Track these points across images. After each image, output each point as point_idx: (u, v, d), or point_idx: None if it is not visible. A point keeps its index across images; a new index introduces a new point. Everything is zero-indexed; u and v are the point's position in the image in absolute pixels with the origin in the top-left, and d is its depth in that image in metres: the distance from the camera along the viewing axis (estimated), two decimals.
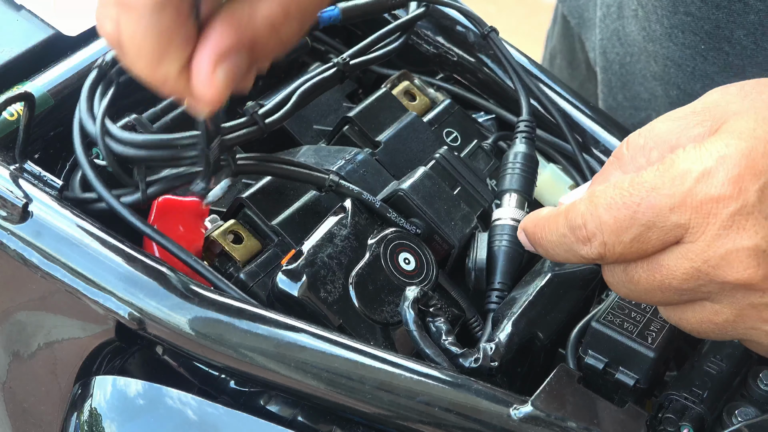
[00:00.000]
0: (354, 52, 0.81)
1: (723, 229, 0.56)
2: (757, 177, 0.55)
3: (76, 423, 0.70)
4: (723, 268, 0.56)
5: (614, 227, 0.58)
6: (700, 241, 0.56)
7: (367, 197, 0.73)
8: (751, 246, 0.55)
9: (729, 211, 0.55)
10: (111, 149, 0.71)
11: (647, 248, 0.58)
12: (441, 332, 0.66)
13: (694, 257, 0.56)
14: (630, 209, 0.57)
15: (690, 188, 0.56)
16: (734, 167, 0.55)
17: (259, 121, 0.73)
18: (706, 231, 0.56)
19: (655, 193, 0.57)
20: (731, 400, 0.65)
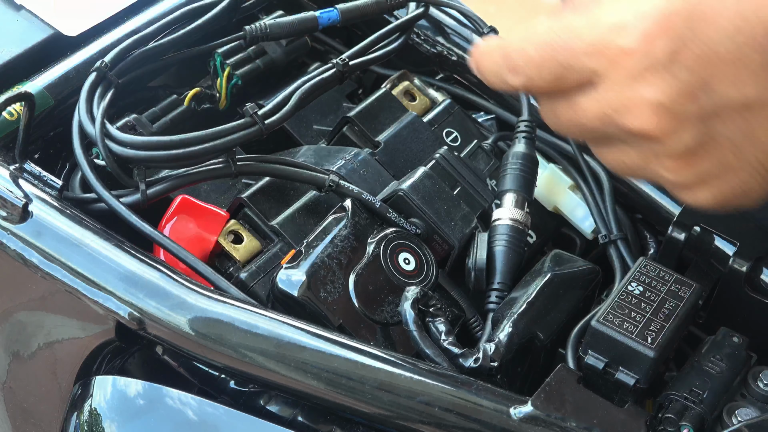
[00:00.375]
0: (353, 53, 0.81)
1: (629, 79, 0.59)
2: (669, 35, 0.58)
3: (76, 423, 0.70)
4: (625, 116, 0.60)
5: (537, 62, 0.63)
6: (608, 87, 0.60)
7: (367, 197, 0.73)
8: (653, 99, 0.59)
9: (635, 63, 0.59)
10: (111, 150, 0.71)
11: (565, 86, 0.62)
12: (441, 332, 0.66)
13: (602, 101, 0.60)
14: (552, 48, 0.62)
15: (604, 36, 0.59)
16: (648, 25, 0.58)
17: (259, 122, 0.73)
18: (614, 79, 0.59)
19: (574, 37, 0.61)
20: (731, 400, 0.65)
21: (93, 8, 0.85)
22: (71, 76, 0.79)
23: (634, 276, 0.69)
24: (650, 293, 0.68)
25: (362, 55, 0.81)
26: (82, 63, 0.80)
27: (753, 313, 0.75)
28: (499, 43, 0.66)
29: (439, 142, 0.83)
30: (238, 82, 0.84)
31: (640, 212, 0.85)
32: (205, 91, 0.83)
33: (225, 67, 0.83)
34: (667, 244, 0.78)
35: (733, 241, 0.75)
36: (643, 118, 0.60)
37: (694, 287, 0.69)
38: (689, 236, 0.76)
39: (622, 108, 0.60)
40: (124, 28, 0.83)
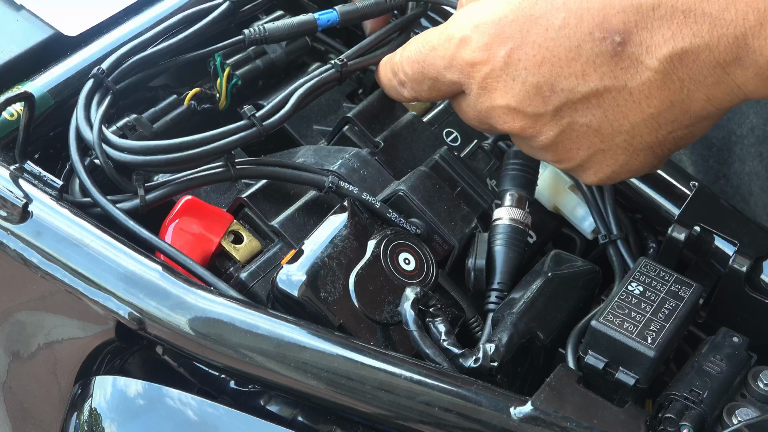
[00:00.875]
0: (352, 53, 0.81)
1: (481, 89, 0.66)
2: (504, 44, 0.63)
3: (76, 423, 0.70)
4: (492, 120, 0.67)
5: (413, 78, 0.71)
6: (471, 96, 0.67)
7: (367, 198, 0.73)
8: (504, 105, 0.65)
9: (482, 74, 0.65)
10: (108, 156, 0.71)
11: (444, 93, 0.70)
12: (441, 332, 0.66)
13: (472, 108, 0.68)
14: (420, 64, 0.70)
15: (454, 52, 0.67)
16: (484, 35, 0.64)
17: (257, 124, 0.73)
18: (471, 89, 0.67)
19: (434, 53, 0.68)
20: (731, 400, 0.65)
21: (93, 8, 0.85)
22: (71, 76, 0.79)
23: (634, 276, 0.69)
24: (650, 293, 0.68)
25: (362, 55, 0.81)
26: (83, 63, 0.80)
27: (753, 313, 0.75)
28: (389, 58, 0.75)
29: (439, 142, 0.83)
30: (238, 82, 0.84)
31: (640, 212, 0.85)
32: (205, 91, 0.83)
33: (225, 67, 0.83)
34: (667, 244, 0.78)
35: (733, 241, 0.75)
36: (503, 121, 0.66)
37: (694, 287, 0.69)
38: (689, 236, 0.76)
39: (486, 113, 0.67)
40: (124, 29, 0.83)
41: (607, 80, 0.61)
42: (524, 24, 0.62)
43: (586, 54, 0.61)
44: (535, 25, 0.62)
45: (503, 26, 0.64)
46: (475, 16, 0.66)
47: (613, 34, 0.60)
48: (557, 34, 0.61)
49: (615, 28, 0.59)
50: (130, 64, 0.77)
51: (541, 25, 0.62)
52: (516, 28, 0.63)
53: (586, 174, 0.68)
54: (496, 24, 0.64)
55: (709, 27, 0.57)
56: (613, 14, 0.59)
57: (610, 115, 0.62)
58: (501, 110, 0.66)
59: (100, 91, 0.75)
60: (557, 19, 0.61)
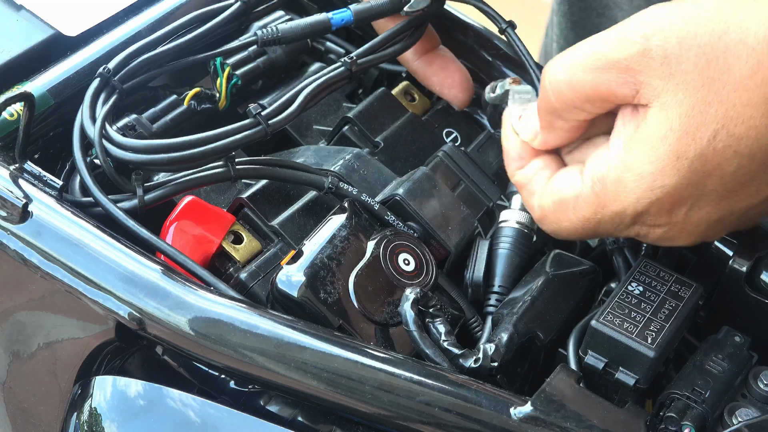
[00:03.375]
0: (362, 51, 0.80)
1: (661, 239, 0.65)
2: (684, 204, 0.62)
3: (76, 423, 0.70)
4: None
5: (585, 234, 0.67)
6: (648, 239, 0.66)
7: (365, 199, 0.73)
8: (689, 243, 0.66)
9: (663, 230, 0.64)
10: (109, 153, 0.71)
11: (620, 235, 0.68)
12: (441, 333, 0.66)
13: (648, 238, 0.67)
14: (591, 232, 0.67)
15: (630, 223, 0.64)
16: (663, 207, 0.62)
17: (263, 123, 0.72)
18: (649, 237, 0.65)
19: (603, 226, 0.65)
20: (732, 400, 0.65)
21: (93, 8, 0.85)
22: (71, 76, 0.79)
23: (634, 276, 0.69)
24: (650, 293, 0.68)
25: (372, 53, 0.80)
26: (83, 63, 0.80)
27: (753, 313, 0.75)
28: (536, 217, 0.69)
29: (439, 141, 0.83)
30: (238, 82, 0.84)
31: None
32: (205, 91, 0.83)
33: (225, 67, 0.83)
34: None
35: (733, 241, 0.75)
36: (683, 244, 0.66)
37: (694, 287, 0.69)
38: None
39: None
40: (125, 28, 0.83)
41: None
42: (699, 182, 0.61)
43: (759, 179, 0.61)
44: (709, 179, 0.61)
45: (680, 193, 0.62)
46: (644, 194, 0.62)
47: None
48: (732, 178, 0.61)
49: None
50: (137, 64, 0.76)
51: (716, 176, 0.60)
52: (692, 189, 0.61)
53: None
54: (672, 195, 0.62)
55: None
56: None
57: None
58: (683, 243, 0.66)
59: (106, 90, 0.75)
60: (731, 166, 0.60)
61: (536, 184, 0.69)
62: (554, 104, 0.65)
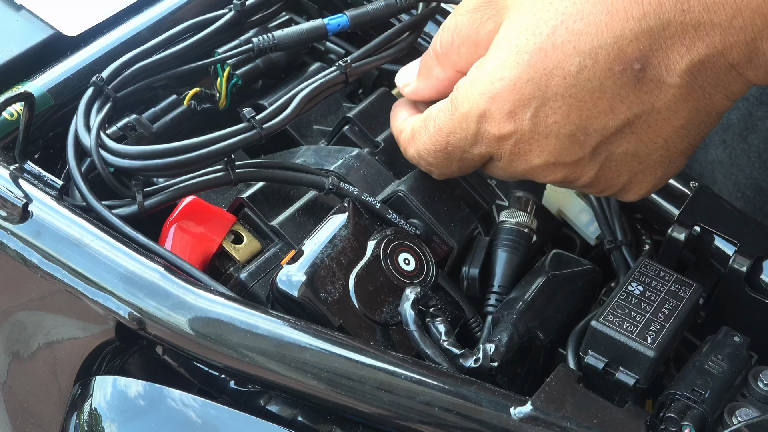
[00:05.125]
0: (358, 55, 0.80)
1: (513, 155, 0.65)
2: (527, 106, 0.62)
3: (76, 423, 0.70)
4: (532, 176, 0.67)
5: (439, 164, 0.70)
6: (502, 162, 0.67)
7: (366, 198, 0.73)
8: (542, 163, 0.65)
9: (511, 142, 0.64)
10: (106, 161, 0.71)
11: (475, 165, 0.69)
12: (441, 333, 0.66)
13: (505, 171, 0.68)
14: (443, 152, 0.69)
15: (476, 129, 0.65)
16: (504, 104, 0.63)
17: (257, 127, 0.72)
18: (502, 157, 0.66)
19: (453, 136, 0.67)
20: (732, 400, 0.65)
21: (93, 8, 0.85)
22: (71, 76, 0.79)
23: (634, 276, 0.69)
24: (650, 293, 0.68)
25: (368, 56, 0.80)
26: (83, 63, 0.80)
27: (753, 313, 0.75)
28: (405, 139, 0.72)
29: None
30: (238, 82, 0.84)
31: (640, 212, 0.85)
32: (205, 91, 0.83)
33: (225, 67, 0.83)
34: (667, 244, 0.78)
35: (733, 241, 0.75)
36: (544, 175, 0.66)
37: (694, 287, 0.69)
38: (689, 236, 0.76)
39: (523, 173, 0.67)
40: (125, 29, 0.83)
41: (635, 108, 0.61)
42: (541, 80, 0.61)
43: (609, 90, 0.60)
44: (552, 78, 0.61)
45: (521, 89, 0.62)
46: (486, 87, 0.64)
47: (632, 63, 0.60)
48: (577, 80, 0.61)
49: (632, 57, 0.59)
50: (131, 72, 0.76)
51: (558, 75, 0.61)
52: (533, 87, 0.62)
53: (628, 194, 0.68)
54: (512, 89, 0.62)
55: (720, 36, 0.58)
56: (627, 44, 0.59)
57: (644, 137, 0.63)
58: (539, 168, 0.66)
59: (100, 98, 0.74)
60: (572, 65, 0.60)
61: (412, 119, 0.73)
62: (437, 50, 0.69)
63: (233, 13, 0.81)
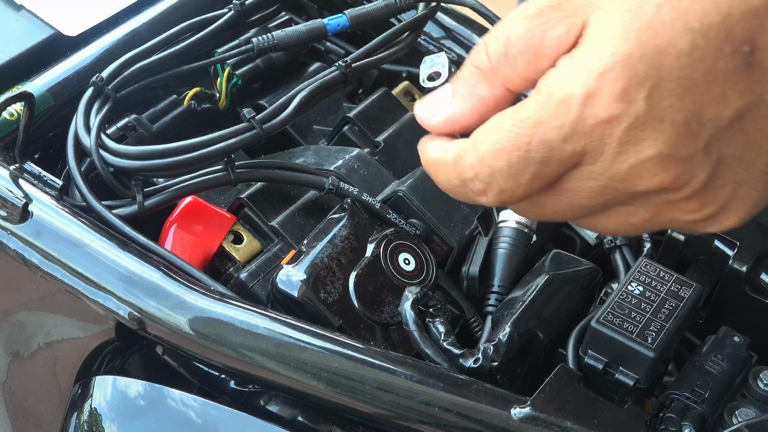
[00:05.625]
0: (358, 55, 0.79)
1: (621, 146, 0.54)
2: (642, 85, 0.54)
3: (76, 423, 0.70)
4: (631, 182, 0.55)
5: (509, 173, 0.56)
6: (600, 161, 0.55)
7: (366, 198, 0.73)
8: (654, 155, 0.54)
9: (622, 128, 0.54)
10: (106, 162, 0.71)
11: (548, 180, 0.56)
12: (441, 333, 0.66)
13: (599, 177, 0.55)
14: (521, 150, 0.55)
15: (578, 115, 0.54)
16: (616, 82, 0.54)
17: (257, 127, 0.72)
18: (605, 152, 0.55)
19: (543, 128, 0.55)
20: (732, 400, 0.65)
21: (93, 8, 0.85)
22: (71, 76, 0.79)
23: (634, 276, 0.69)
24: (650, 293, 0.68)
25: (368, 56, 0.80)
26: (83, 63, 0.80)
27: (753, 313, 0.75)
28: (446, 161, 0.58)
29: None
30: (238, 82, 0.84)
31: None
32: (205, 90, 0.83)
33: (225, 67, 0.83)
34: (667, 244, 0.78)
35: (733, 241, 0.75)
36: (650, 176, 0.55)
37: (694, 287, 0.69)
38: (689, 236, 0.76)
39: (624, 175, 0.55)
40: (125, 29, 0.83)
41: (746, 98, 0.55)
42: (654, 57, 0.54)
43: (721, 73, 0.54)
44: (665, 56, 0.54)
45: (635, 65, 0.54)
46: (593, 64, 0.54)
47: (741, 45, 0.54)
48: (690, 59, 0.54)
49: (741, 38, 0.54)
50: (131, 72, 0.76)
51: (671, 53, 0.54)
52: (648, 63, 0.54)
53: (726, 217, 0.58)
54: (626, 65, 0.54)
55: None
56: (735, 24, 0.54)
57: (751, 137, 0.56)
58: (650, 162, 0.55)
59: (100, 98, 0.75)
60: (684, 43, 0.54)
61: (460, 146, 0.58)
62: (485, 63, 0.57)
63: (233, 12, 0.81)
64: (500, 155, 0.55)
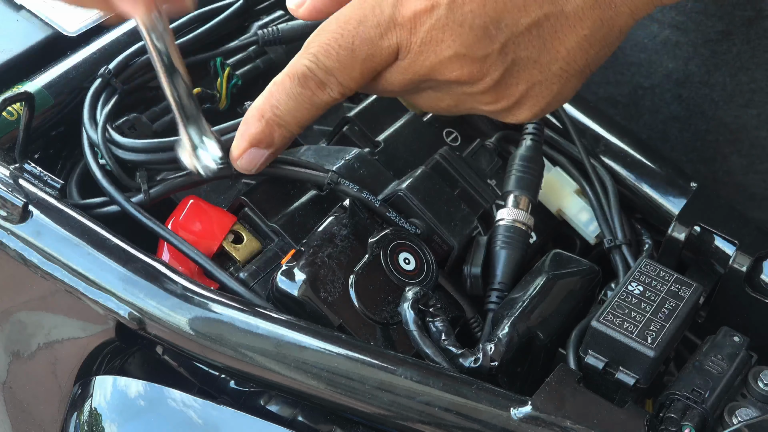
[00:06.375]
0: None
1: (424, 44, 0.63)
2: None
3: (76, 423, 0.70)
4: (433, 74, 0.64)
5: (341, 68, 0.64)
6: (408, 57, 0.63)
7: (367, 197, 0.73)
8: (452, 54, 0.62)
9: (427, 25, 0.62)
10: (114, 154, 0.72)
11: (375, 71, 0.65)
12: (441, 332, 0.66)
13: (406, 71, 0.64)
14: (348, 49, 0.63)
15: (391, 13, 0.62)
16: None
17: None
18: (412, 47, 0.63)
19: (363, 27, 0.63)
20: (732, 400, 0.65)
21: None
22: (71, 75, 0.79)
23: (634, 276, 0.69)
24: (650, 293, 0.68)
25: None
26: (83, 62, 0.80)
27: (753, 313, 0.75)
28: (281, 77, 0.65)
29: (439, 142, 0.83)
30: (238, 82, 0.84)
31: (640, 212, 0.85)
32: (206, 90, 0.83)
33: (225, 67, 0.83)
34: (667, 244, 0.78)
35: (733, 241, 0.75)
36: (449, 71, 0.63)
37: (694, 287, 0.69)
38: (689, 236, 0.76)
39: (428, 69, 0.63)
40: (125, 28, 0.83)
41: (546, 8, 0.61)
42: None
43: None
44: None
45: None
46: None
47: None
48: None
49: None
50: (138, 64, 0.77)
51: None
52: None
53: (520, 111, 0.66)
54: None
55: None
56: None
57: (548, 43, 0.63)
58: (448, 61, 0.63)
59: (107, 90, 0.76)
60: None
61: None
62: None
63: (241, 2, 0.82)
64: (330, 55, 0.64)
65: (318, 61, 0.64)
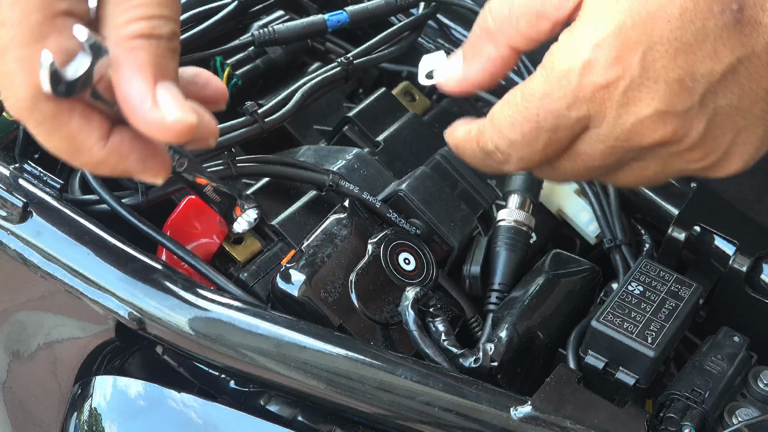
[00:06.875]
0: (359, 52, 0.80)
1: (621, 107, 0.60)
2: (634, 50, 0.59)
3: (76, 423, 0.70)
4: (635, 139, 0.61)
5: (524, 142, 0.62)
6: (604, 124, 0.61)
7: (367, 197, 0.73)
8: (652, 112, 0.60)
9: (620, 91, 0.60)
10: None
11: (561, 145, 0.62)
12: (441, 332, 0.66)
13: (605, 138, 0.61)
14: (532, 121, 0.61)
15: (578, 84, 0.60)
16: (611, 50, 0.59)
17: (259, 120, 0.73)
18: (607, 114, 0.60)
19: (549, 99, 0.61)
20: (732, 400, 0.65)
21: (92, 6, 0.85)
22: None
23: (634, 276, 0.69)
24: (650, 293, 0.68)
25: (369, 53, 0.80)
26: None
27: (753, 312, 0.75)
28: (475, 136, 0.65)
29: (440, 142, 0.83)
30: (238, 82, 0.84)
31: (640, 212, 0.85)
32: None
33: (225, 67, 0.83)
34: (666, 244, 0.78)
35: (733, 241, 0.75)
36: (651, 131, 0.61)
37: (694, 287, 0.69)
38: (689, 236, 0.76)
39: (628, 134, 0.61)
40: None
41: (737, 51, 0.60)
42: (645, 24, 0.59)
43: (712, 32, 0.59)
44: (656, 22, 0.59)
45: (626, 34, 0.60)
46: (589, 37, 0.60)
47: (730, 4, 0.59)
48: (680, 22, 0.59)
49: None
50: None
51: (662, 19, 0.59)
52: (639, 31, 0.59)
53: (730, 162, 0.64)
54: (618, 34, 0.60)
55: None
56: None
57: (746, 87, 0.61)
58: (649, 120, 0.61)
59: None
60: (674, 8, 0.59)
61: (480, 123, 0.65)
62: (489, 25, 0.63)
63: (236, 3, 0.82)
64: (514, 128, 0.62)
65: (500, 137, 0.63)
